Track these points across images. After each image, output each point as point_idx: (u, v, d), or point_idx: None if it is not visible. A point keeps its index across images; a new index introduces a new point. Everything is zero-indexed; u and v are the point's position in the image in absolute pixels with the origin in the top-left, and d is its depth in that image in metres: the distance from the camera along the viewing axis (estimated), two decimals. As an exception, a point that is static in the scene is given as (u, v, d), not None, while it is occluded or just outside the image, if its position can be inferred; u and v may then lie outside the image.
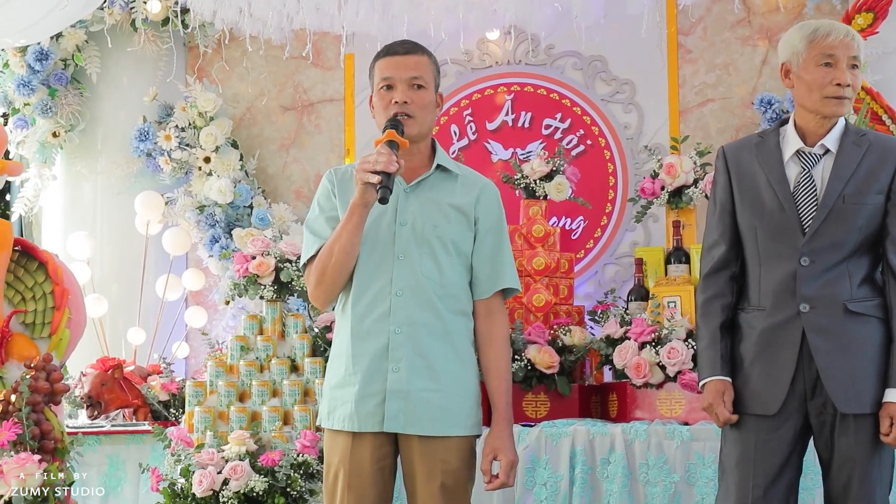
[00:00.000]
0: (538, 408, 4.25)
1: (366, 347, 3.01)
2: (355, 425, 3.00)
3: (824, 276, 3.00)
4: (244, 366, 4.32)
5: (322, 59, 5.75)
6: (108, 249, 5.71)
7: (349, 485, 3.00)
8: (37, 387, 2.81)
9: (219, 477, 3.81)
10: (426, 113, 3.09)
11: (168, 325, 5.57)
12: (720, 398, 3.06)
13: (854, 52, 3.02)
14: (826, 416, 3.01)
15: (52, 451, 2.82)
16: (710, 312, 3.13)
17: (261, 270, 4.36)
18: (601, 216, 5.43)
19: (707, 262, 3.17)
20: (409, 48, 3.13)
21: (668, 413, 4.09)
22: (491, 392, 3.11)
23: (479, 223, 3.12)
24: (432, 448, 3.00)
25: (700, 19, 5.41)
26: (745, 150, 3.16)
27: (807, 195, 3.03)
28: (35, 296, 3.18)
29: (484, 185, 3.18)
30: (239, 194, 5.56)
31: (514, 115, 5.58)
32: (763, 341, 3.05)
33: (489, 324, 3.12)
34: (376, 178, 2.88)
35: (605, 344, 4.25)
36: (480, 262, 3.12)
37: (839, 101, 3.01)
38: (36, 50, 5.60)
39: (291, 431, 4.11)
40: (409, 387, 2.99)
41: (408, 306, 3.01)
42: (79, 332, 3.28)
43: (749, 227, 3.10)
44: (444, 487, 2.99)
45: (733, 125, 5.35)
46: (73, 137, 5.78)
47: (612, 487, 3.93)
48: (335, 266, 3.00)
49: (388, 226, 3.05)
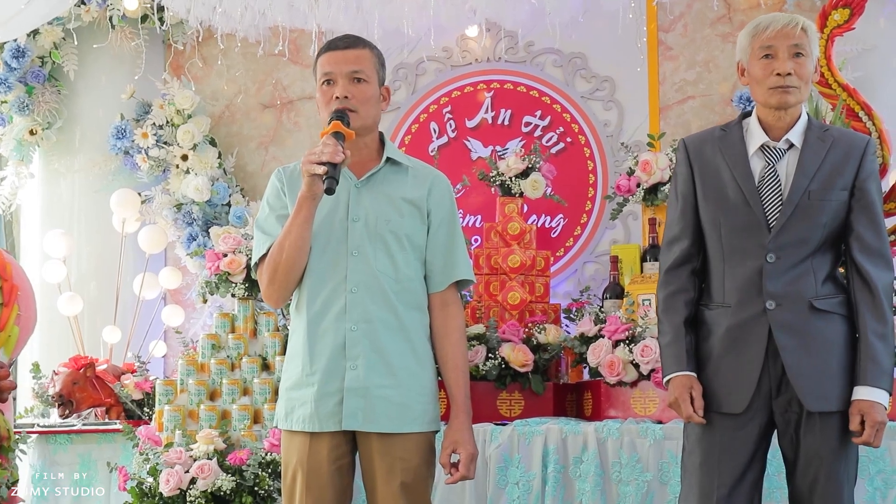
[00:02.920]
0: (512, 406, 4.22)
1: (322, 346, 2.99)
2: (315, 426, 2.97)
3: (790, 273, 2.97)
4: (215, 364, 4.29)
5: (301, 57, 5.72)
6: (86, 247, 5.69)
7: (308, 485, 2.97)
8: (-18, 384, 2.78)
9: (186, 476, 3.78)
10: (369, 107, 3.07)
11: (145, 324, 5.53)
12: (687, 393, 3.02)
13: (795, 41, 2.99)
14: (791, 415, 2.98)
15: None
16: (673, 308, 3.09)
17: (232, 268, 4.34)
18: (581, 214, 5.40)
19: (668, 257, 3.13)
20: (349, 42, 3.11)
21: (641, 411, 4.06)
22: (448, 385, 3.09)
23: (431, 216, 3.10)
24: (391, 445, 2.98)
25: (680, 16, 5.39)
26: (707, 142, 3.12)
27: (771, 191, 3.00)
28: (-17, 292, 3.15)
29: (435, 177, 3.16)
30: (216, 192, 5.54)
31: (493, 113, 5.55)
32: (729, 339, 3.02)
33: (444, 316, 3.10)
34: (322, 169, 2.85)
35: (580, 342, 4.22)
36: (434, 255, 3.10)
37: (784, 91, 2.99)
38: (13, 47, 5.58)
39: (261, 430, 4.08)
40: (367, 384, 2.96)
41: (363, 303, 2.98)
42: (28, 328, 3.25)
43: (712, 221, 3.07)
44: (403, 485, 2.97)
45: (713, 122, 5.30)
46: (51, 135, 5.76)
47: (585, 486, 3.90)
48: (287, 262, 2.97)
49: (341, 222, 3.03)
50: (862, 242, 3.00)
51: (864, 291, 2.98)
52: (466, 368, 3.12)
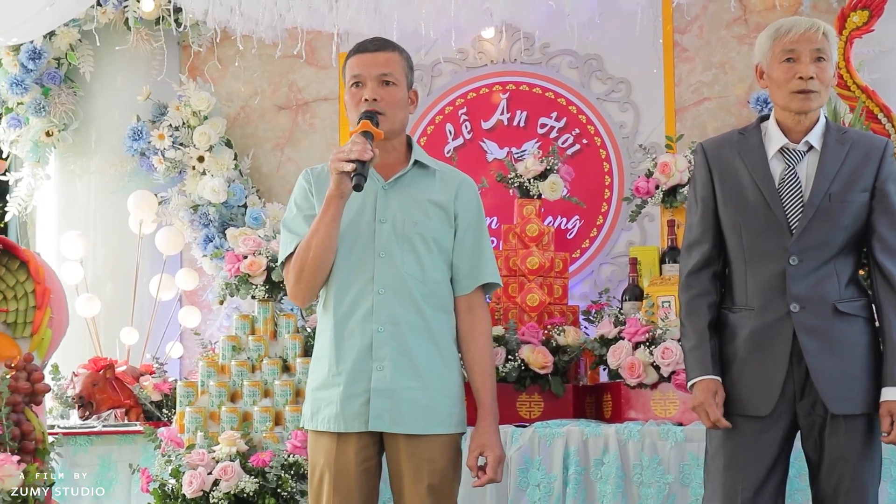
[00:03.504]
0: (532, 408, 4.23)
1: (349, 347, 2.99)
2: (341, 426, 2.98)
3: (813, 275, 2.97)
4: (236, 366, 4.30)
5: (316, 58, 5.73)
6: (102, 249, 5.69)
7: (335, 486, 2.97)
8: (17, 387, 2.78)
9: (209, 478, 3.79)
10: (397, 109, 3.07)
11: (162, 325, 5.54)
12: (711, 398, 3.02)
13: (817, 45, 3.00)
14: (815, 418, 2.98)
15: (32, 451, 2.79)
16: (696, 311, 3.09)
17: (252, 270, 4.34)
18: (597, 216, 5.41)
19: (689, 261, 3.13)
20: (378, 45, 3.11)
21: (662, 413, 4.06)
22: (476, 388, 3.09)
23: (458, 219, 3.11)
24: (418, 447, 2.98)
25: (696, 17, 5.39)
26: (726, 146, 3.13)
27: (792, 193, 3.01)
28: (16, 295, 3.15)
29: (462, 180, 3.17)
30: (233, 193, 5.54)
31: (509, 115, 5.55)
32: (753, 342, 3.02)
33: (471, 320, 3.11)
34: (350, 167, 2.86)
35: (599, 344, 4.22)
36: (461, 258, 3.10)
37: (805, 96, 3.00)
38: (29, 49, 5.59)
39: (283, 432, 4.09)
40: (394, 385, 2.97)
41: (390, 304, 2.99)
42: (61, 331, 3.26)
43: (733, 224, 3.07)
44: (431, 488, 2.98)
45: (730, 124, 5.32)
46: (67, 136, 5.76)
47: (606, 488, 3.90)
48: (313, 261, 2.98)
49: (368, 223, 3.03)
50: (884, 243, 3.01)
51: (888, 292, 2.99)
52: (493, 372, 3.13)
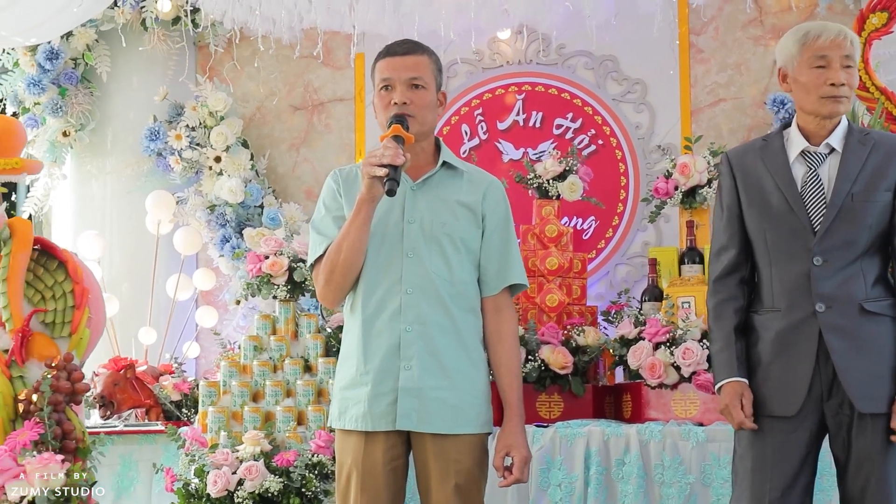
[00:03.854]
0: (552, 408, 4.24)
1: (377, 346, 3.01)
2: (368, 425, 2.99)
3: (839, 275, 2.99)
4: (257, 366, 4.31)
5: (332, 59, 5.74)
6: (119, 249, 5.71)
7: (363, 486, 2.99)
8: (58, 386, 2.80)
9: (234, 477, 3.80)
10: (426, 112, 3.09)
11: (178, 325, 5.55)
12: (737, 400, 3.05)
13: (847, 52, 3.03)
14: (843, 417, 3.00)
15: (73, 450, 2.81)
16: (723, 315, 3.13)
17: (274, 270, 4.36)
18: (613, 216, 5.42)
19: (717, 267, 3.17)
20: (408, 48, 3.13)
21: (682, 414, 4.07)
22: (502, 389, 3.11)
23: (486, 220, 3.12)
24: (445, 447, 3.00)
25: (712, 19, 5.41)
26: (749, 153, 3.17)
27: (815, 195, 3.04)
28: (55, 295, 3.17)
29: (490, 182, 3.19)
30: (250, 194, 5.55)
31: (525, 115, 5.57)
32: (780, 342, 3.04)
33: (498, 321, 3.12)
34: (383, 171, 2.88)
35: (620, 344, 4.24)
36: (488, 259, 3.12)
37: (836, 101, 3.02)
38: (46, 49, 5.60)
39: (305, 432, 4.10)
40: (422, 385, 2.98)
41: (418, 304, 3.00)
42: (98, 331, 3.27)
43: (758, 229, 3.10)
44: (457, 487, 2.99)
45: (745, 125, 5.34)
46: (84, 137, 5.78)
47: (628, 488, 3.92)
48: (344, 263, 2.99)
49: (396, 223, 3.05)
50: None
51: None
52: (520, 373, 3.15)
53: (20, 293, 3.06)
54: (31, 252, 3.16)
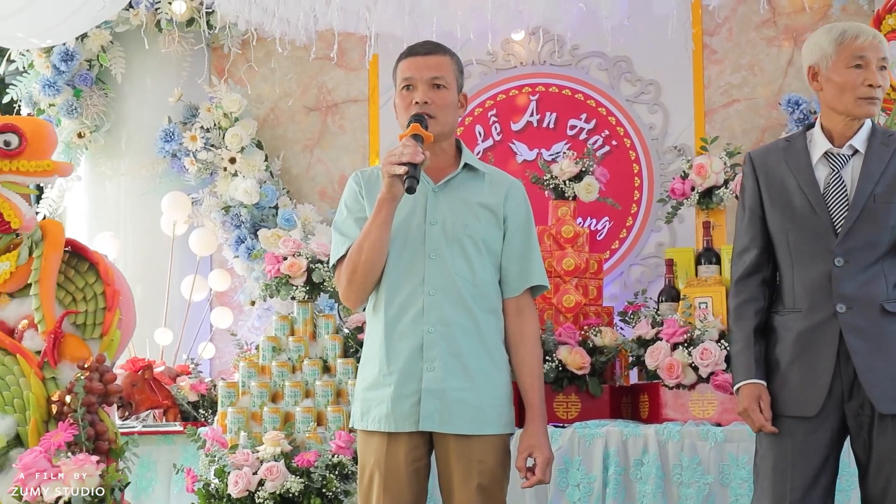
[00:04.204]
0: (569, 409, 4.25)
1: (400, 348, 3.01)
2: (392, 426, 3.00)
3: (860, 276, 2.99)
4: (276, 366, 4.32)
5: (346, 60, 5.75)
6: (133, 250, 5.72)
7: (385, 487, 2.99)
8: (91, 387, 2.81)
9: (254, 478, 3.81)
10: (447, 113, 3.10)
11: (193, 326, 5.57)
12: (756, 402, 3.05)
13: (882, 54, 3.04)
14: (864, 418, 3.00)
15: (106, 451, 2.82)
16: (743, 316, 3.13)
17: (293, 271, 4.37)
18: (626, 217, 5.43)
19: (738, 267, 3.17)
20: (430, 48, 3.14)
21: (700, 414, 4.08)
22: (524, 390, 3.11)
23: (507, 221, 3.13)
24: (468, 447, 3.00)
25: (725, 20, 5.42)
26: (772, 154, 3.16)
27: (837, 196, 3.04)
28: (86, 297, 3.18)
29: (511, 183, 3.19)
30: (264, 195, 5.56)
31: (538, 116, 5.58)
32: (801, 343, 3.04)
33: (520, 322, 3.13)
34: (402, 170, 2.88)
35: (637, 345, 4.25)
36: (510, 261, 3.12)
37: (871, 102, 3.02)
38: (61, 51, 5.62)
39: (325, 432, 4.11)
40: (445, 386, 2.99)
41: (441, 306, 3.01)
42: (129, 332, 3.29)
43: (780, 230, 3.10)
44: (481, 488, 3.00)
45: (759, 126, 5.35)
46: (98, 138, 5.79)
47: (646, 488, 3.93)
48: (365, 264, 3.00)
49: (419, 225, 3.05)
50: None
51: None
52: (542, 374, 3.16)
53: (52, 295, 3.07)
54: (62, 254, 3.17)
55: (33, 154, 3.06)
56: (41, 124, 3.18)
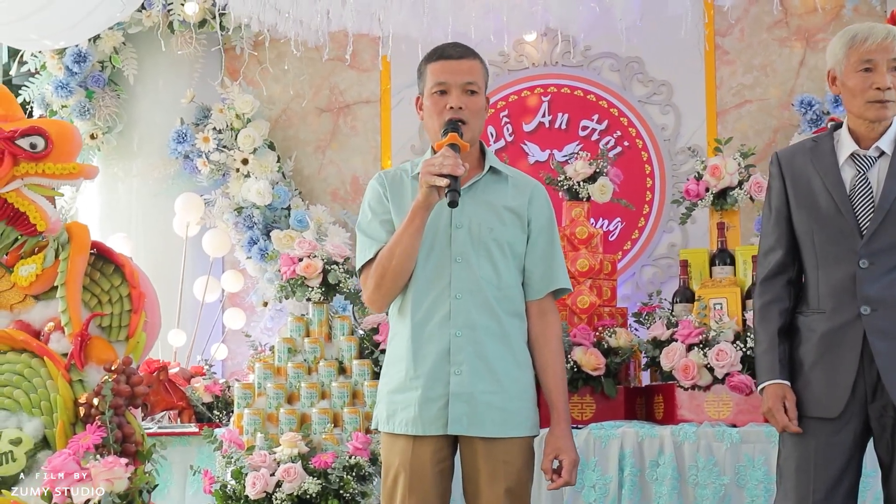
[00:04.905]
0: (584, 410, 4.25)
1: (426, 351, 3.02)
2: (419, 429, 3.00)
3: (885, 278, 2.99)
4: (292, 368, 4.33)
5: (358, 61, 5.76)
6: (145, 251, 5.72)
7: (411, 487, 3.00)
8: (119, 390, 2.82)
9: (272, 479, 3.81)
10: (479, 118, 3.10)
11: (206, 327, 5.57)
12: (780, 403, 3.05)
13: (894, 55, 3.01)
14: (887, 419, 2.99)
15: (133, 454, 2.83)
16: (768, 317, 3.13)
17: (308, 272, 4.37)
18: (639, 217, 5.44)
19: (764, 268, 3.17)
20: (462, 52, 3.12)
21: (715, 415, 4.08)
22: (548, 392, 3.12)
23: (531, 224, 3.13)
24: (495, 450, 3.01)
25: (737, 20, 5.42)
26: (799, 154, 3.16)
27: (863, 198, 3.03)
28: (112, 299, 3.19)
29: (535, 186, 3.20)
30: (277, 196, 5.57)
31: (550, 117, 5.59)
32: (824, 344, 3.04)
33: (543, 324, 3.13)
34: (445, 182, 2.89)
35: (652, 346, 4.25)
36: (533, 263, 3.13)
37: (882, 105, 3.01)
38: (74, 52, 5.63)
39: (341, 433, 4.11)
40: (472, 389, 2.99)
41: (467, 309, 3.01)
42: (154, 334, 3.30)
43: (806, 230, 3.10)
44: (508, 490, 3.00)
45: (770, 126, 5.36)
46: (111, 139, 5.81)
47: (662, 489, 3.93)
48: (395, 269, 3.00)
49: (444, 229, 3.05)
50: None
51: None
52: (565, 376, 3.16)
53: (78, 297, 3.08)
54: (88, 256, 3.18)
55: (59, 157, 3.07)
56: (66, 127, 3.19)
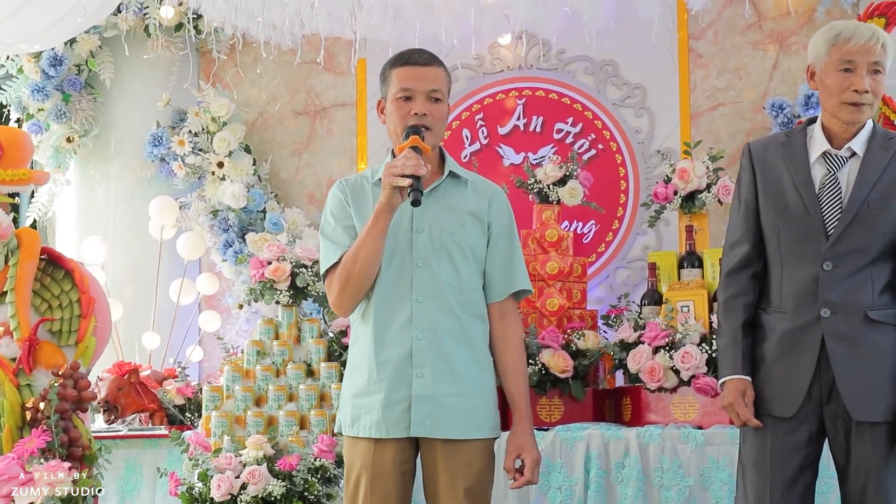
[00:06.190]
0: (552, 412, 4.27)
1: (389, 355, 3.04)
2: (383, 432, 3.02)
3: (847, 281, 2.98)
4: (260, 370, 4.34)
5: (334, 64, 5.78)
6: (122, 254, 5.75)
7: (373, 489, 3.02)
8: (65, 394, 2.84)
9: (237, 481, 3.83)
10: (441, 125, 3.14)
11: (181, 330, 5.59)
12: (741, 397, 3.05)
13: (876, 58, 2.97)
14: (841, 422, 3.00)
15: (80, 458, 2.85)
16: (732, 311, 3.12)
17: (277, 276, 4.39)
18: (612, 220, 5.45)
19: (729, 260, 3.15)
20: (427, 59, 3.14)
21: (681, 417, 4.10)
22: (510, 393, 3.14)
23: (491, 228, 3.16)
24: (456, 451, 3.03)
25: (711, 24, 5.44)
26: (771, 148, 3.13)
27: (831, 198, 3.01)
28: (62, 304, 3.21)
29: (494, 190, 3.23)
30: (252, 199, 5.59)
31: (525, 120, 5.60)
32: (783, 344, 3.04)
33: (504, 326, 3.16)
34: (408, 182, 2.91)
35: (619, 348, 4.27)
36: (494, 266, 3.15)
37: (857, 108, 2.98)
38: (50, 56, 5.65)
39: (308, 436, 4.13)
40: (435, 391, 3.02)
41: (429, 312, 3.04)
42: (104, 339, 3.31)
43: (772, 227, 3.09)
44: (468, 491, 3.02)
45: (744, 129, 5.38)
46: (87, 142, 5.82)
47: (627, 491, 3.95)
48: (360, 272, 3.02)
49: (405, 233, 3.08)
50: None
51: None
52: (527, 376, 3.19)
53: (28, 303, 3.10)
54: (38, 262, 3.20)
55: (9, 163, 3.08)
56: (17, 133, 3.21)
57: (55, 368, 2.98)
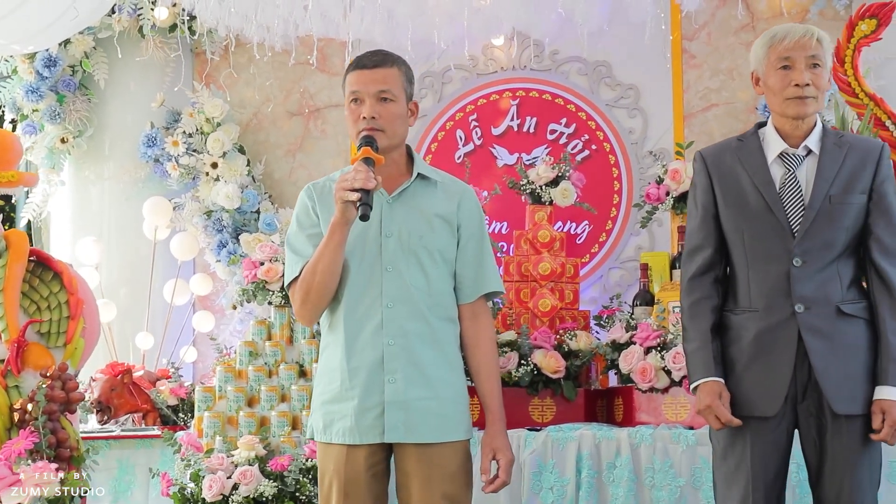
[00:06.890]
0: (544, 412, 4.28)
1: (361, 361, 3.04)
2: (356, 438, 3.03)
3: (817, 277, 3.02)
4: (253, 371, 4.36)
5: (328, 65, 5.79)
6: (116, 254, 5.76)
7: (346, 492, 3.02)
8: (53, 396, 2.85)
9: (229, 482, 3.84)
10: (396, 126, 3.10)
11: (175, 330, 5.60)
12: (717, 399, 3.06)
13: (812, 52, 3.04)
14: (812, 420, 3.03)
15: (67, 459, 2.86)
16: (699, 314, 3.13)
17: (269, 276, 4.41)
18: (606, 221, 5.46)
19: (691, 266, 3.17)
20: (377, 61, 3.11)
21: (673, 417, 4.11)
22: (482, 394, 3.15)
23: (461, 229, 3.16)
24: (429, 455, 3.04)
25: (704, 24, 5.45)
26: (725, 152, 3.17)
27: (793, 196, 3.06)
28: (50, 305, 3.22)
29: (464, 190, 3.22)
30: (246, 199, 5.60)
31: (519, 121, 5.61)
32: (759, 343, 3.06)
33: (475, 327, 3.16)
34: (356, 196, 2.90)
35: (611, 349, 4.28)
36: (464, 268, 3.15)
37: (801, 101, 3.04)
38: (44, 56, 5.66)
39: (300, 436, 4.14)
40: (407, 397, 3.02)
41: (399, 317, 3.04)
42: (93, 341, 3.32)
43: (735, 229, 3.12)
44: (445, 495, 3.03)
45: (737, 130, 5.36)
46: (81, 143, 5.83)
47: (619, 491, 3.95)
48: (319, 285, 3.02)
49: (374, 238, 3.07)
50: (880, 244, 3.06)
51: (883, 292, 3.04)
52: (498, 377, 3.19)
53: (16, 304, 3.11)
54: (26, 263, 3.21)
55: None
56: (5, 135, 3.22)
57: (43, 370, 2.99)
